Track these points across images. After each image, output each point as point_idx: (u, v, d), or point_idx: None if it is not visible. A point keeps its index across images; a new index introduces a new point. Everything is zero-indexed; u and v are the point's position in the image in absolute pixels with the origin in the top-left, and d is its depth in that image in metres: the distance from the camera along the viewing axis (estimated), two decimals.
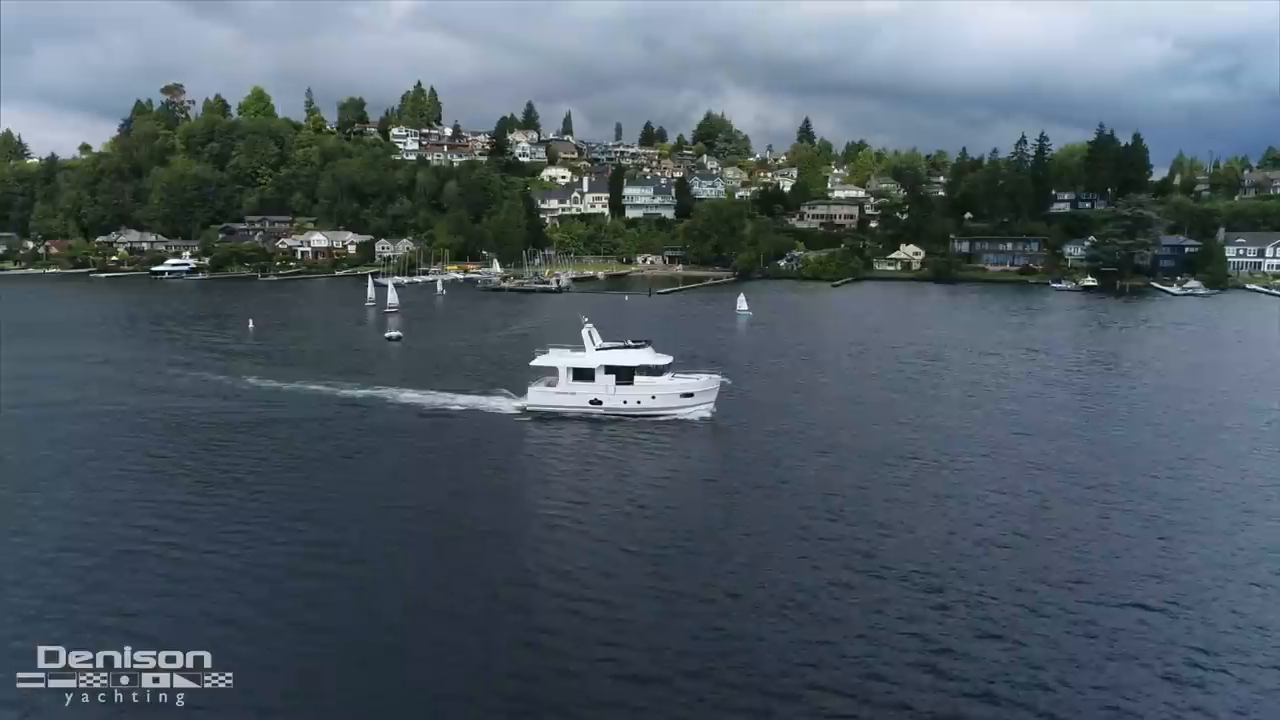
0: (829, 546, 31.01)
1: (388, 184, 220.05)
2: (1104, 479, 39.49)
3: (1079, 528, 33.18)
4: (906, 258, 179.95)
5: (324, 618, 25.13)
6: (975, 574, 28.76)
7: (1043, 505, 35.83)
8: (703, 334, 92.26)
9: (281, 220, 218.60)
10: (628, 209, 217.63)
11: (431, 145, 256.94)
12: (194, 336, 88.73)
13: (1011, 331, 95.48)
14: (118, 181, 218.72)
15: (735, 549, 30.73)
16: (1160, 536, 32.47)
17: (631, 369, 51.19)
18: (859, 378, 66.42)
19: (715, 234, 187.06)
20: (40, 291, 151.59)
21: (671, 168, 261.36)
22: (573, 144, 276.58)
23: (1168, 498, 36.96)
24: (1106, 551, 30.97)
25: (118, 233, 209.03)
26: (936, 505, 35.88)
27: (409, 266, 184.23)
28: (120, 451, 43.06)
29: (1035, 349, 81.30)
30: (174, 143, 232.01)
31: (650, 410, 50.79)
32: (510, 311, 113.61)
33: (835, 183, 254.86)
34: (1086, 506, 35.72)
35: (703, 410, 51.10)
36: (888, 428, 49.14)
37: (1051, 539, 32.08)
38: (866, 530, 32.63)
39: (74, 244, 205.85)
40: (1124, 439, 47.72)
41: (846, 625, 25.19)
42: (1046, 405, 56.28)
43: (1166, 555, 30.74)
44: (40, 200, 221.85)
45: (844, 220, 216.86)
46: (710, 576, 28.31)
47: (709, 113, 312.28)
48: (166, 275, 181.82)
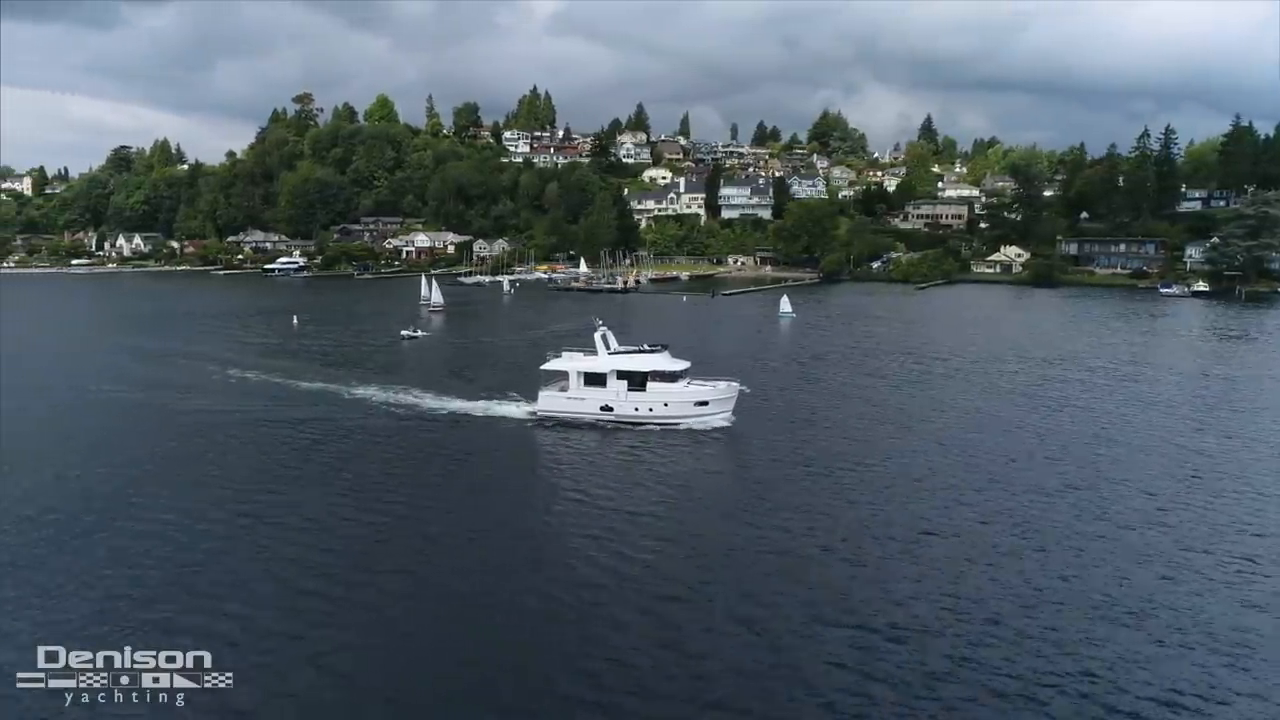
0: (810, 596, 26.98)
1: (492, 186, 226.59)
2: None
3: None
4: (1007, 260, 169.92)
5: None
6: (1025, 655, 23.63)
7: (1148, 597, 27.36)
8: (741, 336, 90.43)
9: (393, 221, 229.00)
10: (724, 209, 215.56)
11: (541, 147, 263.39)
12: (236, 331, 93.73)
13: (1095, 338, 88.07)
14: (249, 185, 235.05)
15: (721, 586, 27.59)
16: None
17: (644, 374, 48.59)
18: (895, 386, 61.63)
19: (805, 234, 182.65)
20: (152, 287, 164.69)
21: (778, 168, 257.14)
22: (679, 144, 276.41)
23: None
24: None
25: (245, 233, 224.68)
26: (948, 559, 29.87)
27: (501, 266, 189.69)
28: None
29: (1122, 360, 73.34)
30: (302, 148, 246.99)
31: (663, 418, 48.09)
32: (563, 311, 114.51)
33: (949, 181, 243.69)
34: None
35: (719, 419, 48.31)
36: (911, 445, 44.82)
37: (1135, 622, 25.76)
38: (850, 578, 28.22)
39: (207, 244, 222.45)
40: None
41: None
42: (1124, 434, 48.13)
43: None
44: (184, 203, 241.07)
45: (951, 220, 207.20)
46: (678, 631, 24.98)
47: (826, 111, 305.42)
48: (276, 273, 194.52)
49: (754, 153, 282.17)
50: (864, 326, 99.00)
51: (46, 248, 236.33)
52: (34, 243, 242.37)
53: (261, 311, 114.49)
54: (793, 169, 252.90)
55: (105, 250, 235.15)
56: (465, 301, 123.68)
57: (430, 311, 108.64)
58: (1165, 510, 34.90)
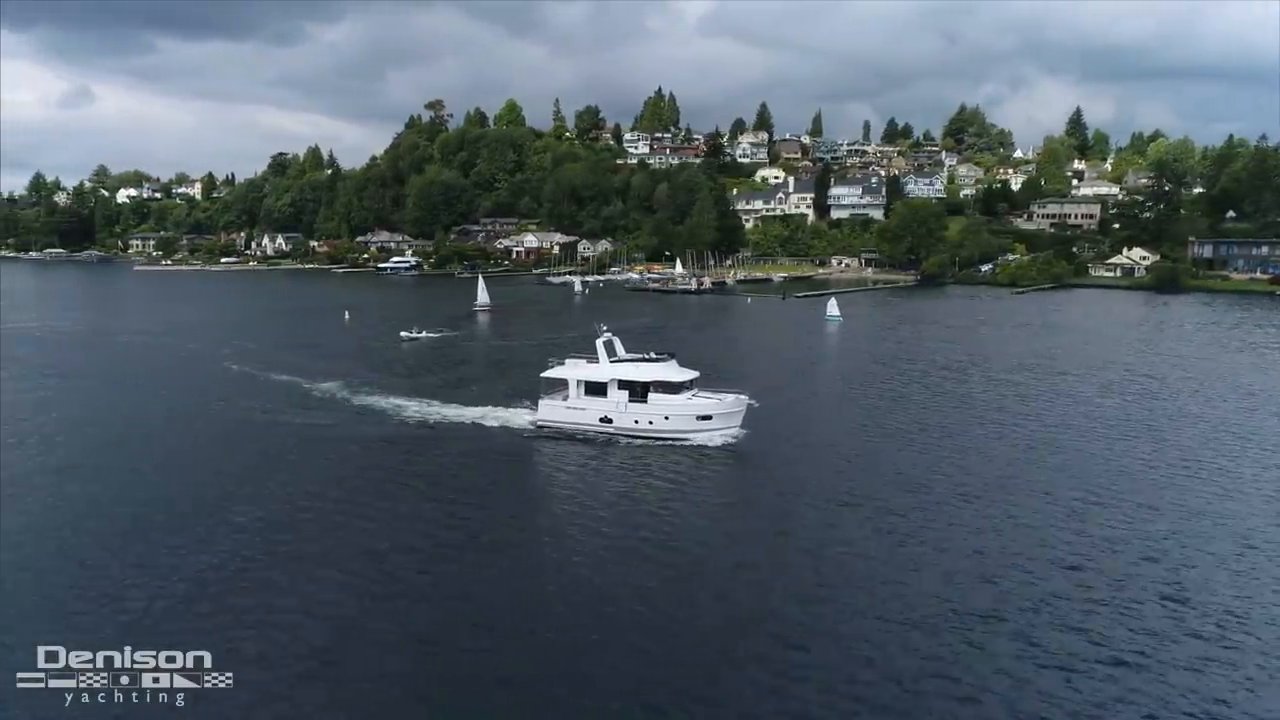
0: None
1: (604, 187, 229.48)
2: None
3: None
4: (1130, 263, 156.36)
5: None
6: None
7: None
8: (780, 342, 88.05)
9: (509, 222, 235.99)
10: (833, 209, 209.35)
11: (661, 148, 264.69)
12: (285, 326, 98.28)
13: (1206, 351, 80.00)
14: (380, 188, 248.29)
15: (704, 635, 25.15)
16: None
17: (646, 385, 45.88)
18: (932, 403, 56.75)
19: (910, 235, 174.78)
20: (264, 283, 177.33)
21: (902, 166, 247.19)
22: (799, 143, 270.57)
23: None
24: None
25: (372, 233, 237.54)
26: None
27: (600, 266, 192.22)
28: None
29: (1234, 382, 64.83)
30: (432, 152, 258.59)
31: (663, 433, 45.15)
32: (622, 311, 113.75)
33: (1089, 178, 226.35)
34: None
35: (724, 435, 45.01)
36: (945, 473, 40.03)
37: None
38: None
39: (338, 243, 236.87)
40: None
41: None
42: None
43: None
44: (324, 205, 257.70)
45: (1081, 220, 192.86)
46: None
47: (963, 106, 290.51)
48: (388, 271, 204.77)
49: (881, 151, 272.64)
50: (915, 333, 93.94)
51: (204, 247, 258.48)
52: (197, 242, 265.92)
53: (330, 307, 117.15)
54: (917, 167, 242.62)
55: (251, 249, 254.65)
56: (529, 301, 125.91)
57: (476, 311, 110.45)
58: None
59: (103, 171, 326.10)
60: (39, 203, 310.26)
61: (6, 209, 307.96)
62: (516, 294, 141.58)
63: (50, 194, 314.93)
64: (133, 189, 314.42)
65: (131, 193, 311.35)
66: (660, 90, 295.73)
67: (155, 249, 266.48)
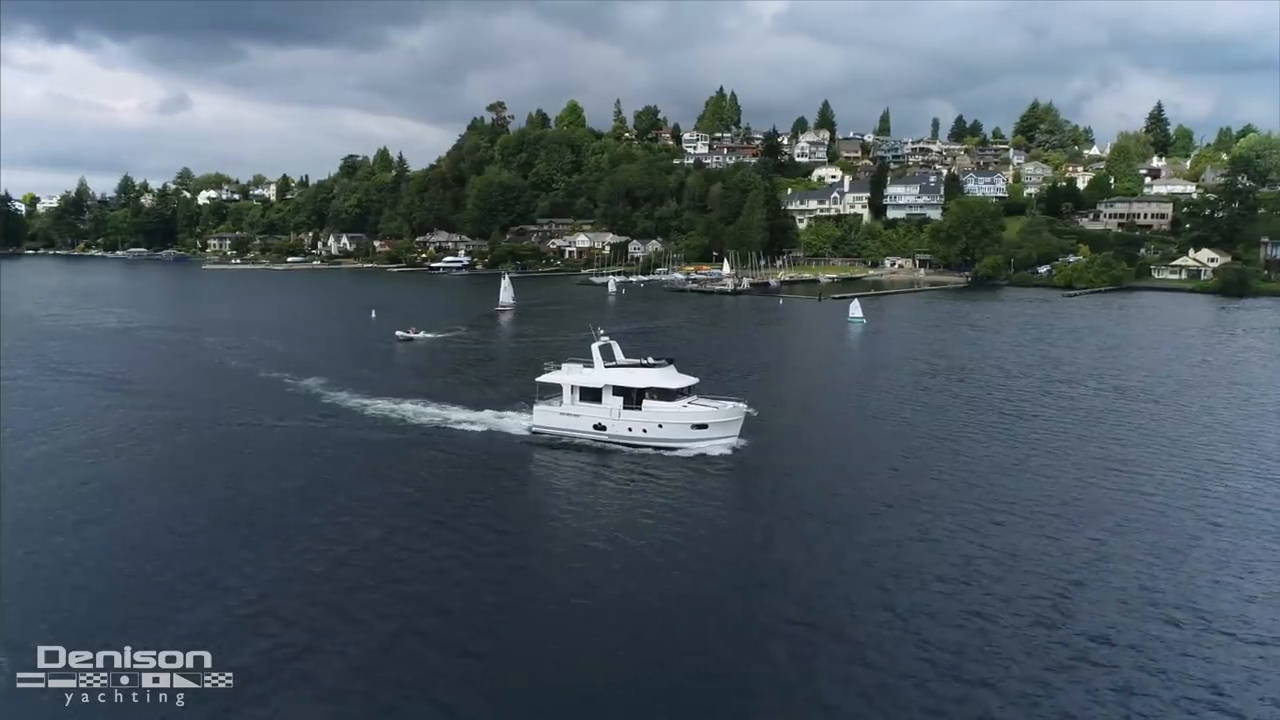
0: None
1: (659, 187, 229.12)
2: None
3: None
4: (1196, 265, 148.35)
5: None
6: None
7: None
8: (798, 345, 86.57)
9: (564, 222, 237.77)
10: (889, 209, 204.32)
11: (720, 148, 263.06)
12: (304, 323, 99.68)
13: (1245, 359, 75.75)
14: (440, 189, 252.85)
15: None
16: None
17: (640, 391, 44.39)
18: (934, 410, 54.55)
19: (964, 235, 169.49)
20: (318, 281, 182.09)
21: (967, 164, 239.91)
22: (860, 142, 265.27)
23: None
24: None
25: (431, 233, 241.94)
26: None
27: (650, 266, 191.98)
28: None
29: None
30: (493, 154, 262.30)
31: (657, 441, 43.64)
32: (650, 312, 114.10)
33: (1165, 176, 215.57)
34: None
35: (720, 445, 43.27)
36: (934, 492, 37.42)
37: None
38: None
39: (397, 243, 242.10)
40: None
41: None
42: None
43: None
44: (388, 206, 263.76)
45: (1152, 220, 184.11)
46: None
47: (1035, 102, 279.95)
48: (440, 270, 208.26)
49: (946, 149, 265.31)
50: (938, 335, 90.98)
51: (274, 247, 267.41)
52: (268, 242, 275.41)
53: (368, 305, 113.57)
54: (980, 165, 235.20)
55: (317, 249, 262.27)
56: (560, 302, 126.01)
57: (498, 311, 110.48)
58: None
59: (186, 174, 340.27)
60: (127, 204, 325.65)
61: (97, 209, 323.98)
62: (552, 294, 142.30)
63: (137, 196, 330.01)
64: (213, 190, 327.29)
65: (212, 194, 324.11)
66: (721, 90, 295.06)
67: (230, 249, 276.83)
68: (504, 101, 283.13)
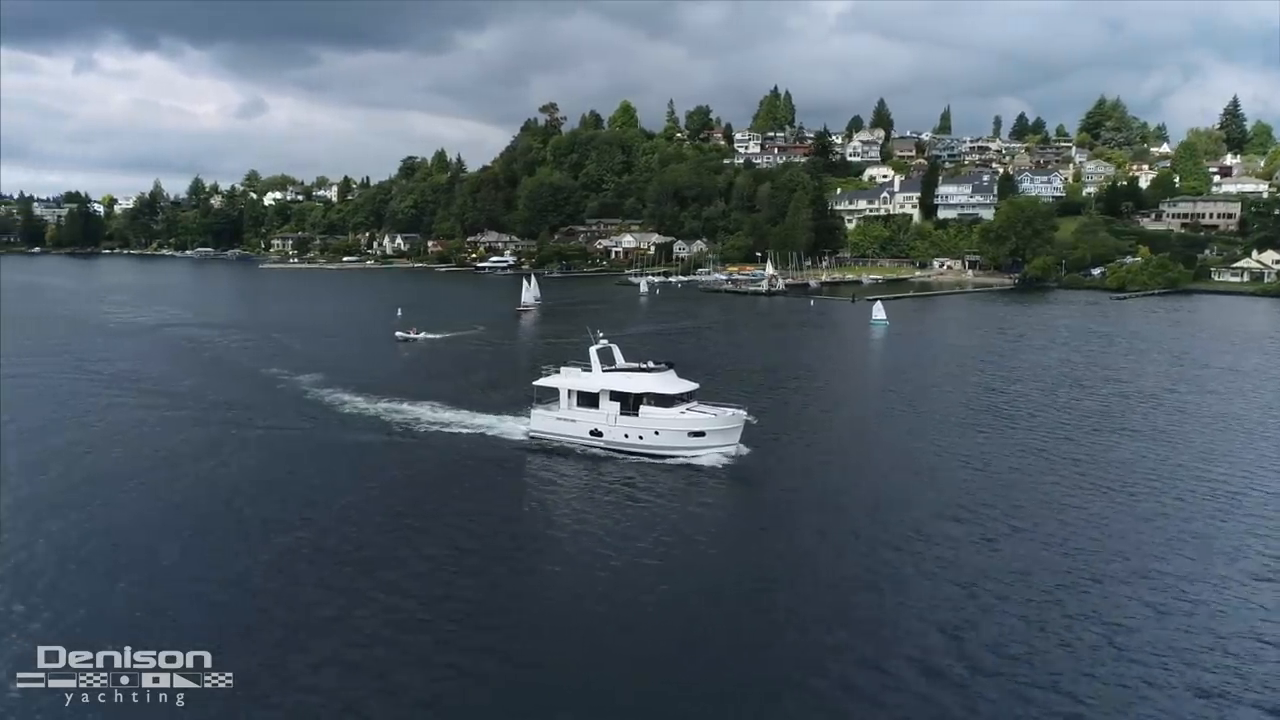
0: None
1: (707, 187, 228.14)
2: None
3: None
4: (1260, 267, 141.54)
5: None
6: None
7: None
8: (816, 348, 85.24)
9: (613, 223, 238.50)
10: (940, 209, 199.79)
11: (773, 148, 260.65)
12: (324, 321, 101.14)
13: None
14: (492, 190, 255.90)
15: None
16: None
17: (637, 396, 42.90)
18: (938, 419, 52.04)
19: (1014, 236, 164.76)
20: (364, 281, 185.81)
21: (1027, 163, 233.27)
22: (915, 140, 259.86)
23: None
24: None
25: (481, 234, 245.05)
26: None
27: (693, 267, 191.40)
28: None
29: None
30: (545, 155, 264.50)
31: (654, 448, 42.22)
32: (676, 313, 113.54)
33: (1236, 175, 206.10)
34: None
35: (719, 454, 41.65)
36: (932, 505, 35.75)
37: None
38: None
39: (449, 243, 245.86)
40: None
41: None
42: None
43: None
44: (441, 207, 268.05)
45: (1218, 220, 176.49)
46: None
47: (1102, 98, 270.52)
48: (485, 270, 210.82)
49: (1006, 147, 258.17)
50: (963, 341, 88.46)
51: (332, 247, 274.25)
52: (328, 242, 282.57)
53: (402, 305, 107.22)
54: (1038, 164, 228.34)
55: (372, 249, 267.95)
56: (590, 301, 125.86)
57: (520, 311, 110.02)
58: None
59: (253, 176, 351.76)
60: (197, 205, 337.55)
61: (169, 210, 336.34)
62: (585, 294, 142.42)
63: (207, 197, 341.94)
64: (278, 192, 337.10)
65: (277, 195, 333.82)
66: (775, 89, 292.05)
67: (291, 249, 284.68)
68: (556, 103, 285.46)
